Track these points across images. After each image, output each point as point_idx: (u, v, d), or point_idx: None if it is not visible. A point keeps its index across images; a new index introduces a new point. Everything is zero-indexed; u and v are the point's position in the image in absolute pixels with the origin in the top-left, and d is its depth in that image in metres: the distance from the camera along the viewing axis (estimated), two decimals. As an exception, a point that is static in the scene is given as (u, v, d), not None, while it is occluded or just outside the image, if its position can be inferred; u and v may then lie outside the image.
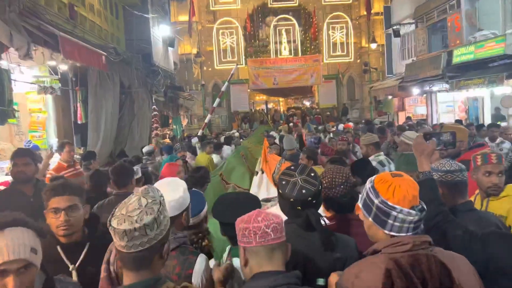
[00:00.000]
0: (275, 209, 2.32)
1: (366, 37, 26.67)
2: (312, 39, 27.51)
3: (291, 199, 1.96)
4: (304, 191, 1.96)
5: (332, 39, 27.24)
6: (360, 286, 1.54)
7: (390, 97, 18.80)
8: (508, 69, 10.54)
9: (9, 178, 5.29)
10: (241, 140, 11.08)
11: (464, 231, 1.95)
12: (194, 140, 10.63)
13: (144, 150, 8.80)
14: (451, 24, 13.70)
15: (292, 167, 2.09)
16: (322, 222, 1.99)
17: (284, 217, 1.87)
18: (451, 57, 12.97)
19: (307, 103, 30.59)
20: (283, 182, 2.02)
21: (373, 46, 24.80)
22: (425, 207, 1.65)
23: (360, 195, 1.73)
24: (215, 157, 7.98)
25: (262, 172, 4.56)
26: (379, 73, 25.70)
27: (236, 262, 1.97)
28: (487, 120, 13.20)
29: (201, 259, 2.00)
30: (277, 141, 9.23)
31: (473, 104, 13.85)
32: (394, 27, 16.45)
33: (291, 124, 17.21)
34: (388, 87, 17.92)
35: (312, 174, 2.03)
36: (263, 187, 4.38)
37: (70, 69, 8.96)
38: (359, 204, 1.71)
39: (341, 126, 13.87)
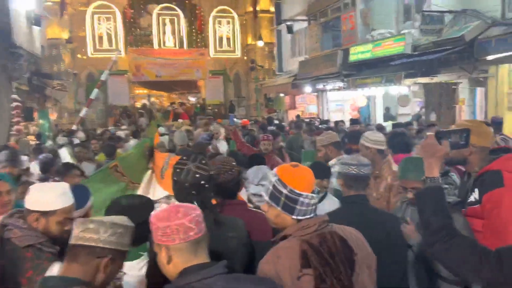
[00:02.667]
0: None
1: (253, 35, 26.39)
2: (198, 32, 26.30)
3: (186, 184, 2.12)
4: (197, 175, 2.13)
5: (219, 33, 26.41)
6: (282, 269, 1.72)
7: (282, 94, 18.49)
8: (406, 68, 10.63)
9: None
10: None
11: (472, 249, 1.75)
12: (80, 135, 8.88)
13: None
14: (346, 22, 13.68)
15: (185, 157, 2.25)
16: None
17: None
18: (347, 55, 12.89)
19: (192, 99, 29.25)
20: (178, 170, 2.17)
21: (260, 43, 24.51)
22: (318, 189, 1.92)
23: (264, 188, 1.90)
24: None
25: (153, 171, 4.51)
26: (266, 71, 25.60)
27: (129, 265, 2.03)
28: (379, 119, 13.47)
29: (55, 268, 1.92)
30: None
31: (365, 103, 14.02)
32: (288, 23, 16.07)
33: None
34: (280, 84, 17.55)
35: (204, 162, 2.21)
36: (151, 186, 4.34)
37: None
38: (265, 197, 1.86)
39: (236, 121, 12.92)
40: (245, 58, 26.80)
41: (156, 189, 4.29)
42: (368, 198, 3.88)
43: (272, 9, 23.44)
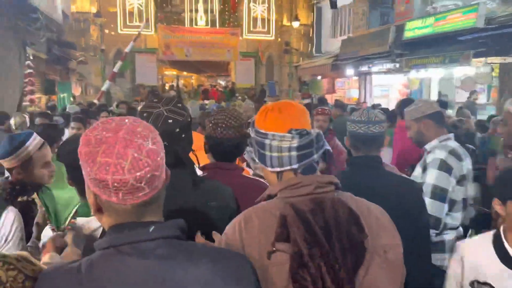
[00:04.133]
0: None
1: (288, 16, 24.90)
2: (232, 11, 24.98)
3: None
4: (170, 121, 1.64)
5: (253, 13, 24.98)
6: (249, 238, 1.21)
7: (319, 77, 16.97)
8: (474, 46, 9.00)
9: None
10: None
11: None
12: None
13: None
14: (400, -5, 12.04)
15: (155, 100, 1.73)
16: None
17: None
18: (400, 32, 11.29)
19: (222, 82, 28.09)
20: (145, 115, 1.64)
21: (296, 24, 22.95)
22: (308, 131, 1.26)
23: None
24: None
25: None
26: (300, 55, 24.08)
27: (82, 222, 1.71)
28: (433, 107, 11.85)
29: (10, 213, 1.81)
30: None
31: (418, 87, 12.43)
32: (331, -3, 14.51)
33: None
34: (319, 65, 16.02)
35: (179, 105, 1.73)
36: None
37: None
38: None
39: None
40: (279, 40, 25.33)
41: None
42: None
43: (311, -13, 21.86)
